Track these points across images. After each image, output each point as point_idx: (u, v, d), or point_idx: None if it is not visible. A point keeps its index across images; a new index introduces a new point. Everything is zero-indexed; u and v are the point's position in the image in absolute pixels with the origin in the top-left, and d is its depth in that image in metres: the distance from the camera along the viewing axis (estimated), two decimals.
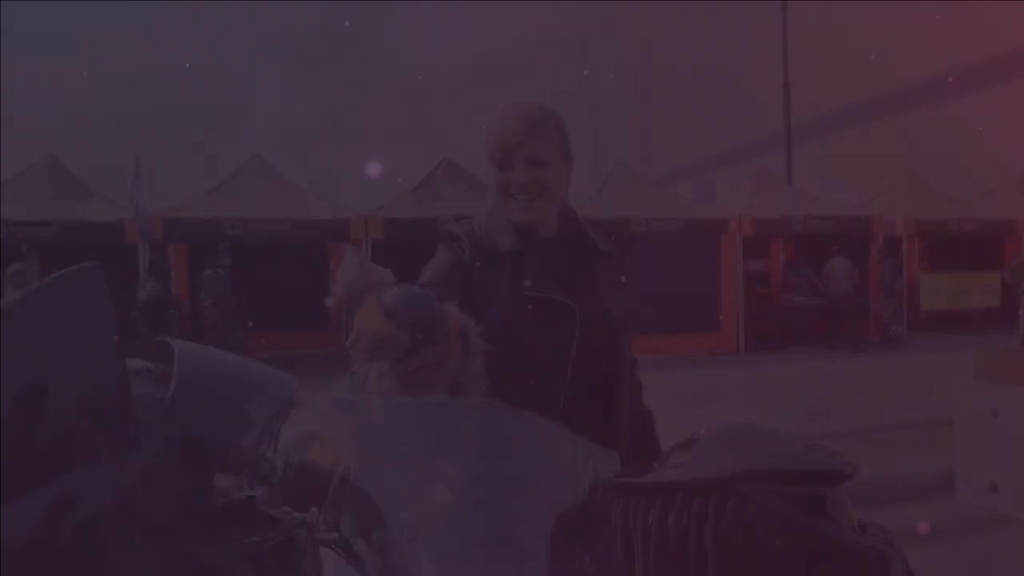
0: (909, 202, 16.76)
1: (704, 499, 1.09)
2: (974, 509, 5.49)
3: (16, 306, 0.89)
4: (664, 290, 12.13)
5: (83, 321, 0.92)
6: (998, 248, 17.84)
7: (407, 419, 1.23)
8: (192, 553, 0.93)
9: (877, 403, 9.21)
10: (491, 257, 1.93)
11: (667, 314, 13.20)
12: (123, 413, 0.91)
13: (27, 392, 0.87)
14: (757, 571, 1.07)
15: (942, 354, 13.49)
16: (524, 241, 1.93)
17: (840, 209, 16.87)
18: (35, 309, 0.90)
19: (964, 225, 16.30)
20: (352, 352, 1.36)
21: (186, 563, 0.93)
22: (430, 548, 1.09)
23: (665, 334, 13.50)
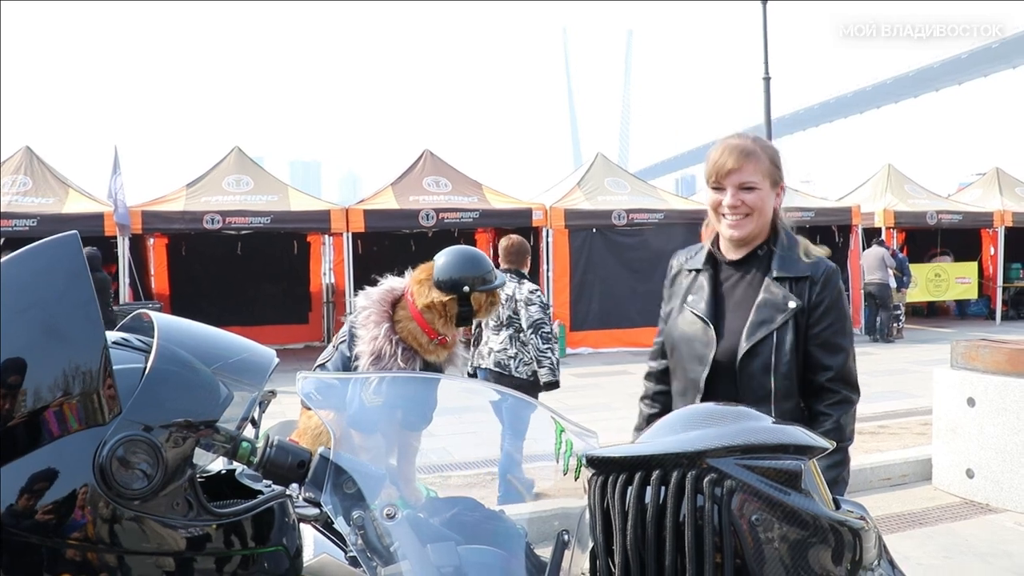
0: (888, 194, 16.86)
1: (681, 474, 1.10)
2: (951, 495, 5.55)
3: None
4: (648, 285, 12.12)
5: (61, 290, 0.90)
6: (975, 240, 18.01)
7: (395, 397, 1.23)
8: (173, 524, 0.93)
9: None
10: (692, 268, 2.38)
11: (653, 308, 13.08)
12: (103, 384, 0.90)
13: (5, 362, 0.86)
14: (732, 545, 1.08)
15: (920, 343, 13.64)
16: (711, 262, 2.33)
17: (820, 201, 16.91)
18: (12, 278, 0.89)
19: (942, 217, 16.42)
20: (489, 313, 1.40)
21: (167, 534, 0.93)
22: (409, 525, 1.10)
23: (651, 326, 13.41)
